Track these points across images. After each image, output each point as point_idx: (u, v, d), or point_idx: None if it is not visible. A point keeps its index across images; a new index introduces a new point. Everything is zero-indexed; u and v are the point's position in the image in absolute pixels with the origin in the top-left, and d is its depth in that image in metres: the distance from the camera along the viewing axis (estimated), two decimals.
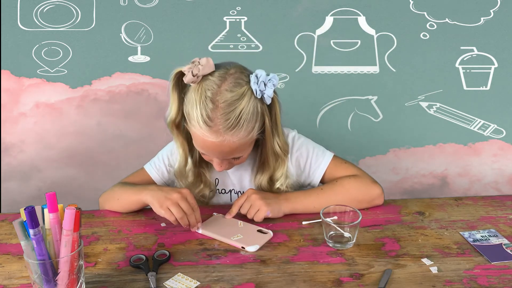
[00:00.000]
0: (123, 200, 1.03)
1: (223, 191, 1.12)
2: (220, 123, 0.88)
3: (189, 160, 1.04)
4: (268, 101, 0.93)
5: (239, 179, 1.11)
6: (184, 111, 0.95)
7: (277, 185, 1.05)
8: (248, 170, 1.10)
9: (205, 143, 0.92)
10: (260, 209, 0.97)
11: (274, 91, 0.93)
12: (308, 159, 1.09)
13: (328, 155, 1.09)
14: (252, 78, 0.91)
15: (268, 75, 0.92)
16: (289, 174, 1.08)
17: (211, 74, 0.91)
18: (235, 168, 1.08)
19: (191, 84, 0.92)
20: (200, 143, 0.94)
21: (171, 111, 0.96)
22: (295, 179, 1.10)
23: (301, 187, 1.13)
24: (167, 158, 1.11)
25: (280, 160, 1.03)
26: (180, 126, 0.99)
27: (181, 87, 0.95)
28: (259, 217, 0.97)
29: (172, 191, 0.94)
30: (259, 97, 0.91)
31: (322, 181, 1.10)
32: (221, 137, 0.89)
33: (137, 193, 0.99)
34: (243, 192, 1.08)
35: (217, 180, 1.11)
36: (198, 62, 0.91)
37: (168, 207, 0.92)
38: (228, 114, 0.88)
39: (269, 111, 0.95)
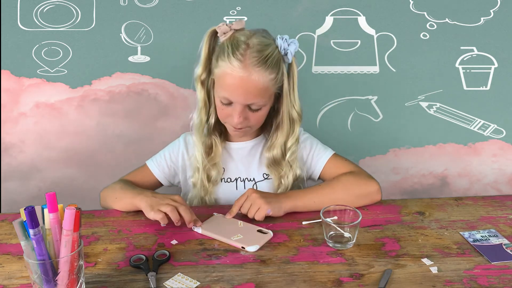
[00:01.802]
0: (120, 200, 1.05)
1: (228, 180, 1.13)
2: (250, 59, 0.98)
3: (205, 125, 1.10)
4: (290, 58, 1.04)
5: (246, 167, 1.14)
6: (213, 60, 1.04)
7: (288, 154, 1.10)
8: (256, 157, 1.14)
9: (233, 81, 0.99)
10: (261, 207, 0.98)
11: (294, 59, 1.05)
12: (310, 151, 1.16)
13: (329, 151, 1.16)
14: (278, 36, 1.03)
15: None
16: (300, 166, 1.14)
17: (241, 29, 1.03)
18: (243, 155, 1.13)
19: (222, 38, 1.02)
20: (228, 82, 1.00)
21: (199, 67, 1.06)
22: (299, 172, 1.14)
23: (301, 180, 1.16)
24: (169, 155, 1.17)
25: (295, 125, 1.10)
26: (204, 83, 1.07)
27: (211, 46, 1.06)
28: (259, 216, 0.97)
29: (165, 197, 0.97)
30: (283, 53, 1.02)
31: (322, 176, 1.16)
32: (249, 72, 0.98)
33: (133, 197, 1.02)
34: (250, 179, 1.13)
35: (223, 169, 1.13)
36: (220, 27, 1.03)
37: (158, 208, 0.94)
38: (258, 52, 0.99)
39: (287, 74, 1.05)
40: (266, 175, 1.15)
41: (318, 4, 1.44)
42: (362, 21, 1.45)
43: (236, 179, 1.14)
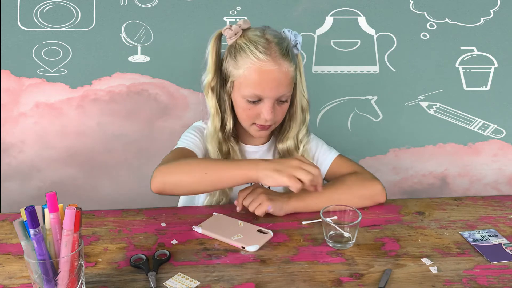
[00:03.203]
0: (213, 174, 0.92)
1: None
2: (275, 52, 1.00)
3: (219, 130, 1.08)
4: (299, 49, 1.06)
5: None
6: (227, 63, 1.04)
7: (301, 147, 1.12)
8: (269, 158, 1.14)
9: (264, 76, 0.99)
10: (262, 203, 0.98)
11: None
12: (316, 152, 1.17)
13: (334, 152, 1.17)
14: (284, 30, 1.06)
15: None
16: (311, 159, 1.15)
17: (248, 28, 1.04)
18: (254, 155, 1.13)
19: (231, 39, 1.03)
20: (257, 78, 1.00)
21: (209, 73, 1.06)
22: None
23: None
24: (199, 137, 1.11)
25: (305, 115, 1.12)
26: (215, 89, 1.07)
27: (218, 51, 1.06)
28: (260, 211, 0.97)
29: (288, 160, 0.90)
30: (293, 44, 1.04)
31: (327, 177, 1.16)
32: (278, 63, 0.99)
33: (238, 168, 0.91)
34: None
35: None
36: (231, 26, 1.03)
37: (292, 174, 0.87)
38: (279, 45, 1.01)
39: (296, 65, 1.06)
40: None
41: (318, 4, 1.44)
42: (362, 21, 1.45)
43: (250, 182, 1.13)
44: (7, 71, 1.42)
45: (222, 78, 1.07)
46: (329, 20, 1.45)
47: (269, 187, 1.04)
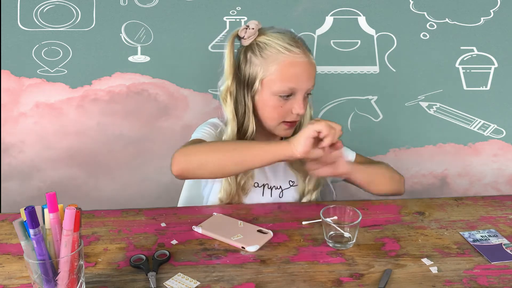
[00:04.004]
0: (243, 150, 0.92)
1: (256, 185, 1.12)
2: (302, 46, 1.03)
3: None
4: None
5: (273, 174, 1.12)
6: (253, 62, 1.02)
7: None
8: (281, 165, 1.13)
9: (299, 68, 1.01)
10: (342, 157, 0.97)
11: None
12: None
13: (351, 151, 1.17)
14: (291, 30, 1.07)
15: None
16: None
17: (262, 28, 1.05)
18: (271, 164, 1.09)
19: (249, 40, 1.03)
20: (292, 71, 1.00)
21: (227, 79, 1.04)
22: None
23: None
24: (211, 126, 1.11)
25: (311, 110, 1.12)
26: (232, 94, 1.05)
27: (233, 54, 1.05)
28: (339, 146, 0.93)
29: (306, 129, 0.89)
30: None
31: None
32: (308, 57, 1.02)
33: (269, 144, 0.92)
34: (277, 187, 1.12)
35: (254, 172, 1.11)
36: (248, 25, 1.04)
37: (311, 125, 0.88)
38: (301, 38, 1.05)
39: None
40: (292, 182, 1.13)
41: (318, 4, 1.44)
42: (362, 21, 1.45)
43: (263, 185, 1.12)
44: (7, 71, 1.42)
45: (243, 81, 1.05)
46: (329, 20, 1.45)
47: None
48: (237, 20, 1.44)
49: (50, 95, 1.43)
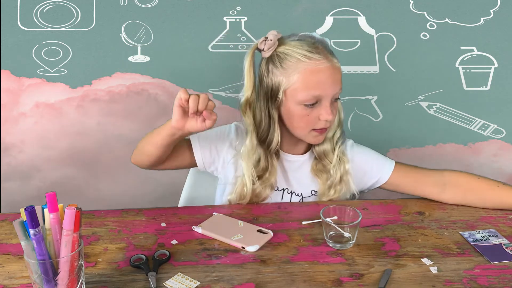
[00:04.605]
0: (154, 132, 1.02)
1: (276, 188, 1.11)
2: (323, 50, 1.00)
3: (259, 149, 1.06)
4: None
5: (296, 181, 1.11)
6: (274, 74, 1.01)
7: (336, 148, 1.09)
8: (305, 173, 1.11)
9: (323, 74, 0.98)
10: None
11: None
12: (369, 161, 1.13)
13: (390, 160, 1.13)
14: (313, 33, 1.05)
15: None
16: (348, 161, 1.11)
17: (281, 38, 1.03)
18: (293, 168, 1.11)
19: (269, 51, 1.01)
20: (316, 78, 0.98)
21: (247, 90, 1.04)
22: (348, 167, 1.11)
23: (348, 181, 1.12)
24: (222, 129, 1.12)
25: (341, 114, 1.10)
26: (252, 106, 1.05)
27: (254, 67, 1.04)
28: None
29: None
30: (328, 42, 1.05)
31: (388, 187, 1.13)
32: (330, 60, 0.99)
33: (167, 122, 0.98)
34: (298, 194, 1.11)
35: (275, 182, 1.10)
36: (267, 37, 1.02)
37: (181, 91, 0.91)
38: (322, 42, 1.02)
39: None
40: (315, 191, 1.11)
41: (318, 4, 1.44)
42: (362, 21, 1.46)
43: (283, 189, 1.11)
44: (7, 71, 1.42)
45: (266, 93, 1.03)
46: (329, 20, 1.45)
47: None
48: (237, 20, 1.44)
49: (50, 95, 1.44)
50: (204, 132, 1.09)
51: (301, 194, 1.11)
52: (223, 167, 1.11)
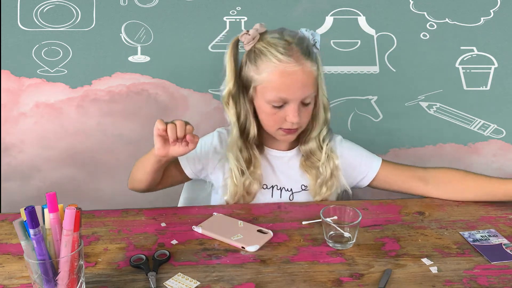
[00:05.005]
0: (143, 161, 1.06)
1: (264, 186, 1.11)
2: (296, 52, 0.98)
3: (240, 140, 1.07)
4: (319, 48, 1.04)
5: (285, 177, 1.12)
6: (246, 69, 1.02)
7: (324, 145, 1.09)
8: (295, 169, 1.12)
9: (288, 77, 0.97)
10: None
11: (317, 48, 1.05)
12: (357, 157, 1.14)
13: (377, 157, 1.14)
14: (302, 29, 1.03)
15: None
16: (337, 157, 1.12)
17: (265, 32, 1.02)
18: (281, 164, 1.11)
19: (249, 45, 1.01)
20: (281, 81, 0.98)
21: (229, 82, 1.04)
22: (337, 162, 1.11)
23: (338, 175, 1.13)
24: (200, 147, 1.12)
25: (327, 113, 1.09)
26: (235, 98, 1.05)
27: (236, 59, 1.04)
28: None
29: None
30: (313, 43, 1.02)
31: (377, 185, 1.14)
32: (301, 64, 0.97)
33: (148, 154, 1.03)
34: (288, 189, 1.11)
35: (262, 174, 1.11)
36: (248, 30, 1.02)
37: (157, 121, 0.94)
38: (300, 44, 0.99)
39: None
40: (305, 186, 1.12)
41: (318, 4, 1.44)
42: (362, 21, 1.46)
43: (272, 187, 1.11)
44: (7, 71, 1.42)
45: (242, 85, 1.05)
46: (329, 20, 1.45)
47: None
48: (237, 20, 1.44)
49: (50, 95, 1.44)
50: (200, 145, 1.11)
51: (291, 189, 1.12)
52: (213, 173, 1.13)
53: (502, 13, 1.45)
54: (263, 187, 1.11)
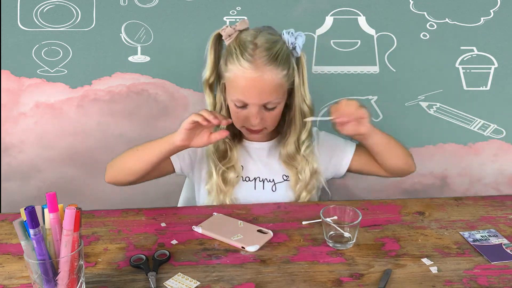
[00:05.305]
0: (144, 149, 1.05)
1: (247, 179, 1.13)
2: (259, 58, 0.97)
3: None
4: (299, 52, 1.03)
5: (266, 168, 1.13)
6: (221, 64, 1.04)
7: (303, 148, 1.10)
8: (275, 158, 1.13)
9: (245, 83, 0.98)
10: (364, 119, 0.99)
11: (302, 52, 1.04)
12: (333, 144, 1.16)
13: (351, 144, 1.17)
14: (284, 31, 1.02)
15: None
16: (316, 160, 1.13)
17: (246, 29, 1.03)
18: (262, 156, 1.13)
19: (227, 40, 1.02)
20: (240, 84, 0.99)
21: (207, 71, 1.06)
22: (316, 165, 1.13)
23: (319, 174, 1.15)
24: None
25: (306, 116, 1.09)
26: (212, 86, 1.07)
27: (217, 50, 1.06)
28: (363, 126, 0.99)
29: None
30: (291, 47, 1.02)
31: (355, 171, 1.18)
32: (261, 71, 0.97)
33: (161, 139, 1.02)
34: (270, 180, 1.12)
35: (242, 167, 1.12)
36: (228, 26, 1.03)
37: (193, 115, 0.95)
38: (267, 51, 0.98)
39: (297, 68, 1.04)
40: (286, 176, 1.13)
41: (318, 4, 1.44)
42: (362, 21, 1.45)
43: (255, 179, 1.13)
44: (7, 71, 1.41)
45: (219, 77, 1.07)
46: (329, 20, 1.45)
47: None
48: (237, 20, 1.44)
49: (50, 95, 1.43)
50: None
51: (273, 180, 1.13)
52: (198, 167, 1.15)
53: (502, 13, 1.45)
54: (245, 180, 1.12)
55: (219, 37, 1.06)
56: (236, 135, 1.13)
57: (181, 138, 0.97)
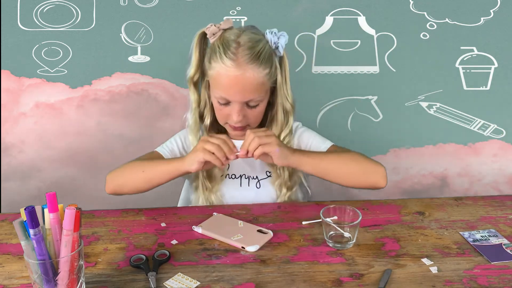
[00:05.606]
0: (149, 171, 1.04)
1: (233, 176, 1.13)
2: (242, 56, 0.99)
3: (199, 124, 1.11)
4: (281, 51, 1.05)
5: (250, 165, 1.14)
6: (205, 62, 1.05)
7: None
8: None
9: (228, 81, 0.99)
10: (272, 143, 0.97)
11: (285, 51, 1.06)
12: (308, 144, 1.15)
13: (328, 142, 1.14)
14: (267, 31, 1.04)
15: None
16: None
17: (230, 28, 1.04)
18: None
19: (212, 39, 1.04)
20: (223, 82, 1.00)
21: (191, 69, 1.08)
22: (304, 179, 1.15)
23: (298, 171, 1.14)
24: (180, 141, 1.16)
25: (289, 117, 1.10)
26: (197, 84, 1.09)
27: (202, 48, 1.07)
28: (266, 149, 0.97)
29: (205, 139, 0.99)
30: (273, 46, 1.03)
31: None
32: (243, 69, 0.98)
33: (169, 163, 1.04)
34: (254, 177, 1.13)
35: (228, 165, 1.13)
36: (212, 25, 1.04)
37: (202, 147, 0.97)
38: (250, 49, 1.00)
39: (280, 67, 1.06)
40: (269, 172, 1.14)
41: (318, 4, 1.44)
42: (362, 21, 1.45)
43: (240, 176, 1.14)
44: (7, 71, 1.42)
45: (203, 74, 1.09)
46: (329, 20, 1.45)
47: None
48: (237, 20, 1.44)
49: (50, 95, 1.43)
50: (168, 141, 1.17)
51: (257, 177, 1.14)
52: None
53: (502, 13, 1.45)
54: (231, 177, 1.13)
55: (204, 36, 1.07)
56: (221, 132, 1.13)
57: (195, 168, 0.98)
